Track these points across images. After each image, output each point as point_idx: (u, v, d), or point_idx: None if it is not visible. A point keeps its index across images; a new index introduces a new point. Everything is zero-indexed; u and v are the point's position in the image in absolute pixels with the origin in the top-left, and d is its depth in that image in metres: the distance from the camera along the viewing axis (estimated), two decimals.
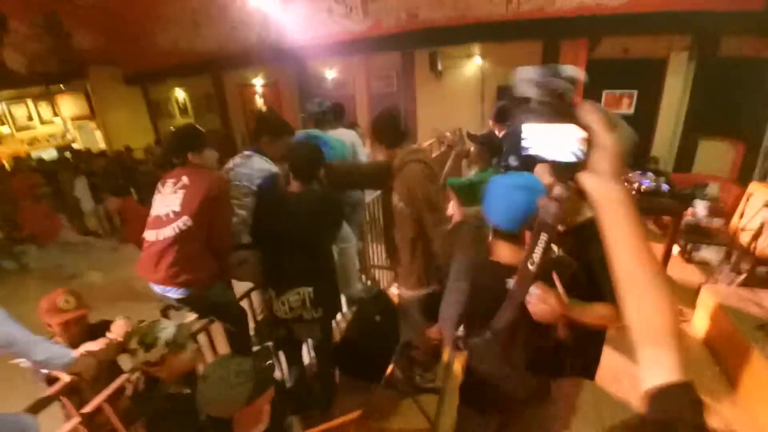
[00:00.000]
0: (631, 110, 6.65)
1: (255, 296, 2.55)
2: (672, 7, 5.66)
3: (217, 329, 2.14)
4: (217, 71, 9.92)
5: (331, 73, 8.33)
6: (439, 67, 7.22)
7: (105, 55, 11.04)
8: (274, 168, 2.19)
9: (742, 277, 3.25)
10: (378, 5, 6.96)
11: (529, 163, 1.33)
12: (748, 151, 5.84)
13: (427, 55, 7.18)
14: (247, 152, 2.23)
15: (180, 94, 11.45)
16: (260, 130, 2.25)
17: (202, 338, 2.09)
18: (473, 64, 7.19)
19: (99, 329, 2.02)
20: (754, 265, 3.24)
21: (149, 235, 2.06)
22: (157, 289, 2.10)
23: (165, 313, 2.25)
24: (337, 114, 3.31)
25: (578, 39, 6.40)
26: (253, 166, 2.16)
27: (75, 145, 12.09)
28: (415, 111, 7.76)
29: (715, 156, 6.15)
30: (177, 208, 2.00)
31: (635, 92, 6.55)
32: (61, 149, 11.55)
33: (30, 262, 5.75)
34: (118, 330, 1.93)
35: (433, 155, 5.08)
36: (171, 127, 11.29)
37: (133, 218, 4.33)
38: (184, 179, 2.05)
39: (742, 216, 3.54)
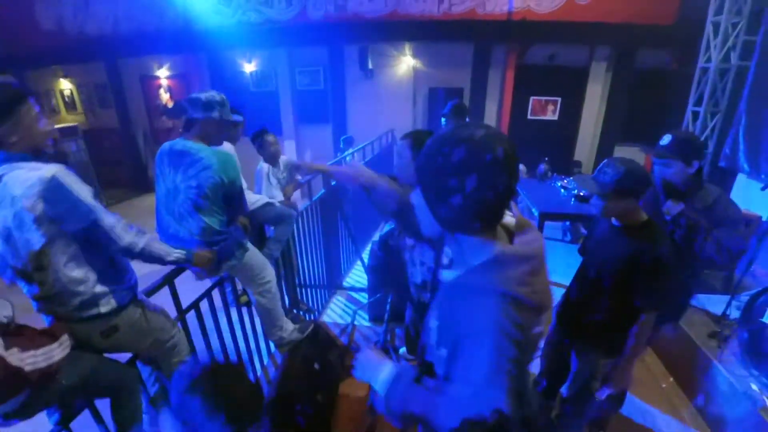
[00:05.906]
0: (556, 116, 6.82)
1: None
2: (595, 19, 5.88)
3: None
4: (113, 59, 8.51)
5: (250, 67, 7.51)
6: (370, 65, 6.81)
7: None
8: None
9: None
10: None
11: None
12: None
13: (357, 51, 6.74)
14: None
15: (66, 84, 9.69)
16: None
17: None
18: (405, 64, 6.90)
19: None
20: None
21: None
22: None
23: None
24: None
25: (509, 43, 6.39)
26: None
27: None
28: (345, 110, 7.26)
29: None
30: None
31: (559, 99, 6.72)
32: None
33: None
34: None
35: None
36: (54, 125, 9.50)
37: None
38: None
39: None
